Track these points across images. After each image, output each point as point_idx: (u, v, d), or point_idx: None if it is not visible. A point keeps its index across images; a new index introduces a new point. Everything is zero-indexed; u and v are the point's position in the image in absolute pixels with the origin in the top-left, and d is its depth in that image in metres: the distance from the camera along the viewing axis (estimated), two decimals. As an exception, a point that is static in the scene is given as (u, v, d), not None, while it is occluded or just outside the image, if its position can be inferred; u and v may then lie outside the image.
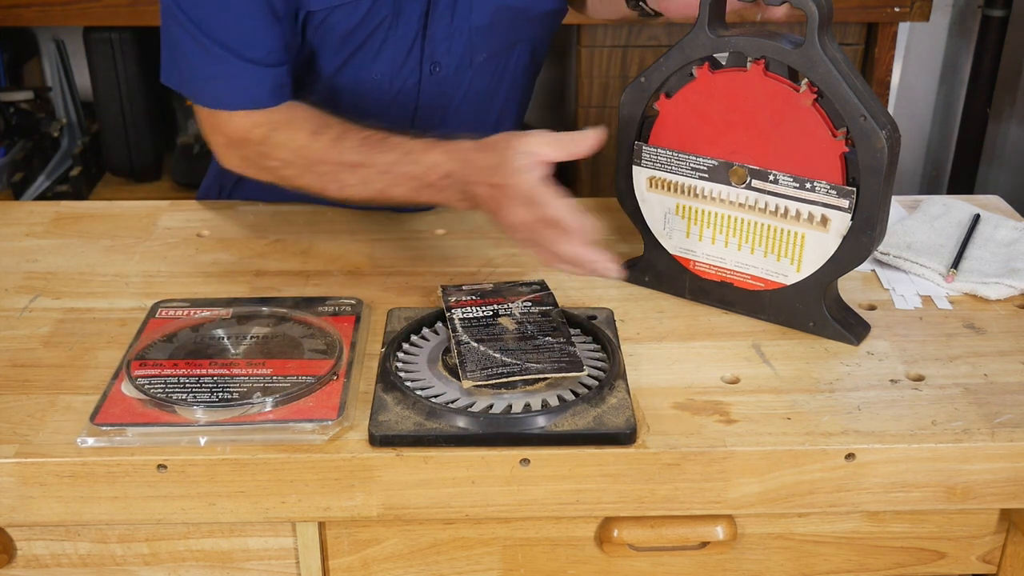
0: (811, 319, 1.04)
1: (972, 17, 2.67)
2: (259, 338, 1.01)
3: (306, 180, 1.14)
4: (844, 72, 0.96)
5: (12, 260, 1.20)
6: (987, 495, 0.92)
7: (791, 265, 1.03)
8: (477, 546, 0.96)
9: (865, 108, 0.95)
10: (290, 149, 1.13)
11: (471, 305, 1.04)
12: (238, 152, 1.17)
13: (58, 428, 0.91)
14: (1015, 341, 1.05)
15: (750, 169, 1.02)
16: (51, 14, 2.27)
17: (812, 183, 0.99)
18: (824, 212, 0.99)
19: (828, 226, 1.00)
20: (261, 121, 1.14)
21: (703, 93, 1.03)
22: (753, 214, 1.03)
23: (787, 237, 1.02)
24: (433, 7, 1.22)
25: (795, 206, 1.01)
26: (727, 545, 0.96)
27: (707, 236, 1.06)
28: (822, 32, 0.96)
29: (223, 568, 0.96)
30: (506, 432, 0.89)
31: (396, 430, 0.89)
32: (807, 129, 0.98)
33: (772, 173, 1.01)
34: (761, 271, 1.05)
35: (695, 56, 1.03)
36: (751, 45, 1.00)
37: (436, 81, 1.27)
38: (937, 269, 1.16)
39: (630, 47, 2.36)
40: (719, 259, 1.06)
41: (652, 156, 1.07)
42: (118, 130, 2.46)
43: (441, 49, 1.25)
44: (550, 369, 0.94)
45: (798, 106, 0.98)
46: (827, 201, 0.99)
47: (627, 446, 0.89)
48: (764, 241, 1.03)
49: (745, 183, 1.02)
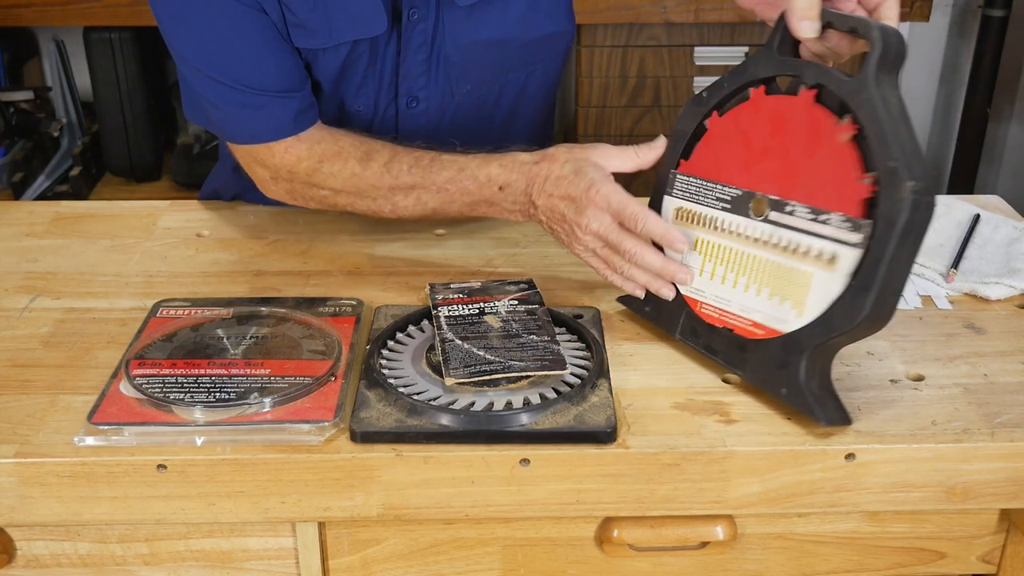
0: (785, 384, 0.93)
1: (972, 17, 2.67)
2: (258, 338, 1.01)
3: (358, 206, 1.16)
4: (892, 115, 0.89)
5: (12, 260, 1.20)
6: (987, 495, 0.92)
7: (793, 309, 0.94)
8: (477, 546, 0.96)
9: (901, 156, 0.87)
10: (341, 179, 1.14)
11: (457, 303, 1.04)
12: (284, 185, 1.18)
13: (58, 428, 0.91)
14: (1015, 341, 1.05)
15: (770, 200, 0.97)
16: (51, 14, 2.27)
17: (827, 215, 0.92)
18: (834, 249, 0.91)
19: (836, 265, 0.91)
20: (305, 155, 1.15)
21: (751, 116, 1.00)
22: (766, 250, 0.97)
23: (795, 277, 0.95)
24: (405, 45, 1.21)
25: (807, 241, 0.93)
26: (727, 545, 0.96)
27: (718, 274, 1.01)
28: (883, 69, 0.90)
29: (223, 568, 0.96)
30: (487, 429, 0.89)
31: (377, 427, 0.89)
32: (836, 164, 0.92)
33: (790, 204, 0.95)
34: (763, 316, 0.97)
35: (757, 76, 1.00)
36: (809, 70, 0.96)
37: (414, 115, 1.26)
38: (937, 269, 1.16)
39: (630, 47, 2.36)
40: (725, 301, 1.00)
41: (684, 185, 1.04)
42: (118, 130, 2.47)
43: (418, 84, 1.24)
44: (533, 367, 0.94)
45: (834, 140, 0.92)
46: (839, 236, 0.91)
47: (607, 444, 0.89)
48: (771, 281, 0.97)
49: (763, 216, 0.98)
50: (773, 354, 0.94)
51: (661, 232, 1.01)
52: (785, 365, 0.93)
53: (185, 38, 1.13)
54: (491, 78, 1.29)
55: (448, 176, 1.11)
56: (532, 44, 1.27)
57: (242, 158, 1.19)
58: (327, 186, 1.15)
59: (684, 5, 2.28)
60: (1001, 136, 2.70)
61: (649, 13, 2.29)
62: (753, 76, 1.00)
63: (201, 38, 1.12)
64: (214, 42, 1.12)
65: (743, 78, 1.01)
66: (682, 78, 2.39)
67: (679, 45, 2.36)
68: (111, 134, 2.47)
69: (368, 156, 1.13)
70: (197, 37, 1.12)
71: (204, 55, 1.13)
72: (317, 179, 1.15)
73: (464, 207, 1.12)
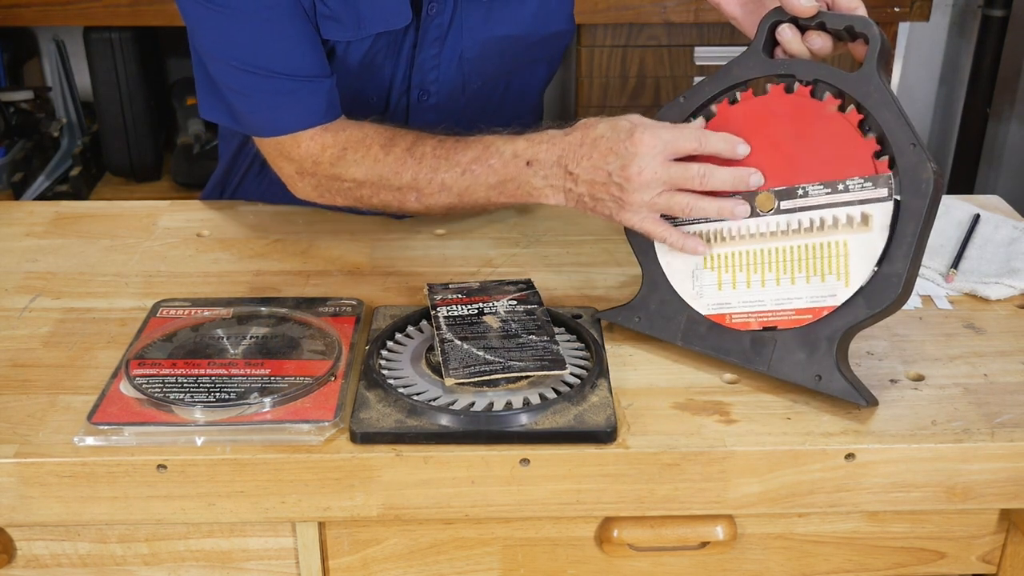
0: (819, 371, 0.93)
1: (972, 17, 2.67)
2: (258, 338, 1.01)
3: (383, 197, 1.13)
4: (898, 103, 0.92)
5: (12, 260, 1.20)
6: (987, 495, 0.92)
7: (838, 280, 0.94)
8: (477, 546, 0.96)
9: (917, 140, 0.90)
10: (364, 167, 1.12)
11: (456, 303, 1.04)
12: (310, 181, 1.16)
13: (58, 428, 0.91)
14: (1015, 341, 1.05)
15: (776, 191, 0.97)
16: (51, 14, 2.27)
17: (844, 183, 0.94)
18: (863, 210, 0.93)
19: (870, 223, 0.93)
20: (330, 143, 1.13)
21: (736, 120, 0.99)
22: (787, 239, 0.97)
23: (829, 250, 0.95)
24: (422, 39, 1.22)
25: (831, 213, 0.94)
26: (727, 545, 0.96)
27: (741, 281, 0.99)
28: (880, 63, 0.93)
29: (223, 568, 0.96)
30: (487, 430, 0.89)
31: (377, 427, 0.89)
32: (833, 135, 0.94)
33: (800, 187, 0.96)
34: (805, 301, 0.95)
35: (743, 78, 0.99)
36: (806, 68, 0.96)
37: (424, 108, 1.27)
38: (937, 269, 1.16)
39: (630, 47, 2.36)
40: (757, 303, 0.98)
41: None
42: (118, 130, 2.46)
43: (430, 78, 1.25)
44: (532, 367, 0.94)
45: (821, 115, 0.94)
46: (864, 196, 0.93)
47: (607, 444, 0.89)
48: (804, 264, 0.96)
49: (773, 208, 0.97)
50: (801, 344, 0.95)
51: (723, 139, 0.97)
52: (815, 352, 0.94)
53: (215, 29, 1.13)
54: (501, 74, 1.29)
55: (473, 155, 1.07)
56: (542, 41, 1.29)
57: (268, 154, 1.18)
58: (350, 176, 1.13)
59: (684, 5, 2.28)
60: (1001, 136, 2.70)
61: (649, 13, 2.29)
62: (740, 78, 1.00)
63: (233, 28, 1.11)
64: (247, 31, 1.11)
65: (728, 80, 1.00)
66: (682, 78, 2.39)
67: (679, 45, 2.36)
68: (111, 134, 2.47)
69: (391, 141, 1.12)
70: (228, 28, 1.12)
71: (235, 46, 1.12)
72: (340, 168, 1.13)
73: (491, 191, 1.07)
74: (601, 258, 1.20)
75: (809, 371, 0.94)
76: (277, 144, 1.15)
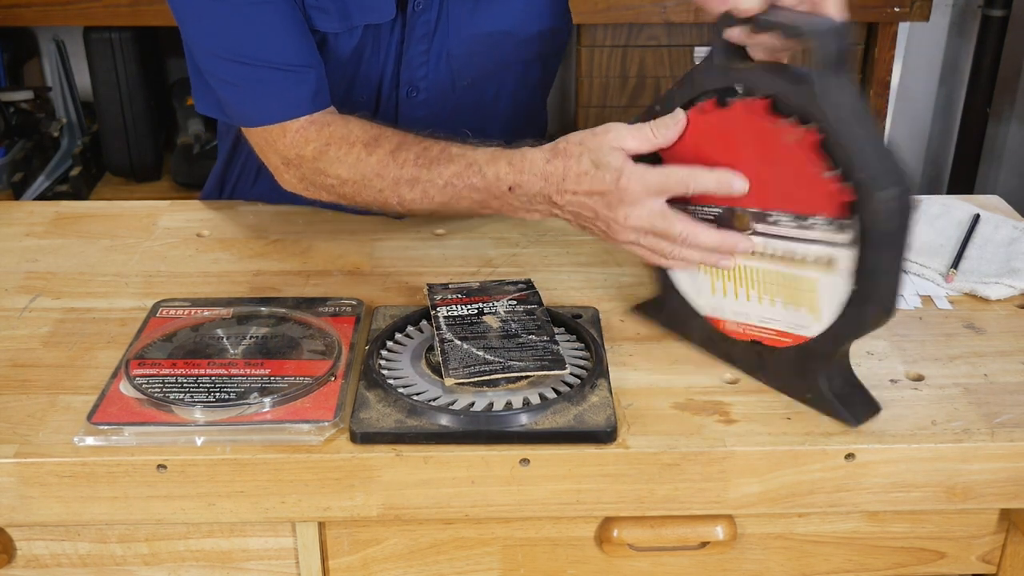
0: (808, 390, 0.93)
1: (972, 17, 2.67)
2: (258, 338, 1.01)
3: (365, 196, 1.12)
4: (847, 121, 0.84)
5: (12, 260, 1.20)
6: (987, 495, 0.92)
7: (810, 314, 0.91)
8: (477, 546, 0.96)
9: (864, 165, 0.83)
10: (346, 165, 1.11)
11: (456, 303, 1.04)
12: (295, 172, 1.16)
13: (58, 428, 0.91)
14: (1015, 341, 1.04)
15: (752, 213, 0.93)
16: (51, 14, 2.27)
17: (810, 219, 0.88)
18: (829, 252, 0.88)
19: (834, 267, 0.88)
20: (314, 137, 1.13)
21: (704, 131, 0.94)
22: (765, 262, 0.94)
23: (801, 284, 0.91)
24: (409, 35, 1.22)
25: (801, 248, 0.90)
26: (727, 545, 0.96)
27: (730, 290, 0.98)
28: (827, 71, 0.85)
29: (223, 568, 0.96)
30: (487, 430, 0.89)
31: (377, 427, 0.89)
32: (798, 167, 0.88)
33: (772, 214, 0.91)
34: (784, 324, 0.94)
35: (705, 88, 0.94)
36: (760, 80, 0.89)
37: (414, 105, 1.26)
38: (937, 269, 1.16)
39: (630, 47, 2.36)
40: (744, 315, 0.97)
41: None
42: (118, 130, 2.46)
43: (419, 75, 1.25)
44: (533, 367, 0.94)
45: (783, 142, 0.88)
46: (829, 239, 0.88)
47: (607, 444, 0.89)
48: (781, 290, 0.94)
49: (750, 230, 0.94)
50: (792, 362, 0.94)
51: (715, 179, 0.93)
52: (804, 372, 0.93)
53: (202, 20, 1.13)
54: (491, 72, 1.29)
55: (455, 171, 1.06)
56: (532, 39, 1.28)
57: (256, 144, 1.18)
58: (333, 173, 1.12)
59: (684, 5, 2.28)
60: (1001, 136, 2.70)
61: (649, 13, 2.29)
62: (702, 87, 0.94)
63: (218, 17, 1.12)
64: (232, 20, 1.12)
65: (692, 91, 0.95)
66: (682, 78, 2.39)
67: (679, 45, 2.36)
68: (111, 134, 2.47)
69: (375, 142, 1.11)
70: (214, 16, 1.12)
71: (223, 35, 1.13)
72: (323, 164, 1.12)
73: (473, 204, 1.07)
74: (601, 258, 1.20)
75: (800, 390, 0.94)
76: (264, 134, 1.16)
